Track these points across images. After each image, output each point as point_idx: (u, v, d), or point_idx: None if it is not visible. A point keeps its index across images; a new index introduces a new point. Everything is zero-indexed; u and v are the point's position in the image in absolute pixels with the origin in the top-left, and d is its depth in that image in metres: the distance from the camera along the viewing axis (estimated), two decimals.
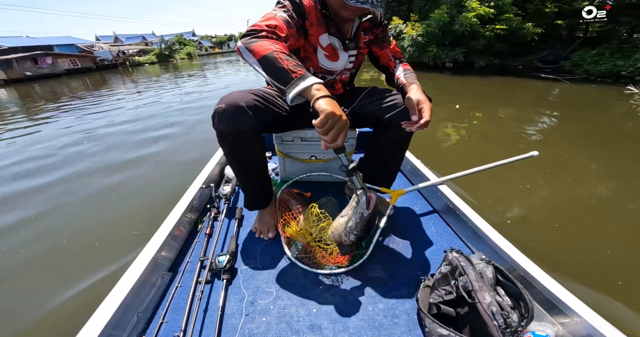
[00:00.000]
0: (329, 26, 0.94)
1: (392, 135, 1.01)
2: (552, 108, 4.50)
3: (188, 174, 2.32)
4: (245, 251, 1.05)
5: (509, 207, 1.86)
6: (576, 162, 2.45)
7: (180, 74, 13.20)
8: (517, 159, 1.21)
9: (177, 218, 1.07)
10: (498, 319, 0.65)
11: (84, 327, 0.69)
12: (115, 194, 2.28)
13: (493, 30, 7.57)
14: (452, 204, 1.14)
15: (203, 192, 1.32)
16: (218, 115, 0.81)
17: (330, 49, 0.98)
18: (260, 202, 1.09)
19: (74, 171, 2.77)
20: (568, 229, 1.64)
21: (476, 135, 3.31)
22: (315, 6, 0.90)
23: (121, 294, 0.77)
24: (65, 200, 2.23)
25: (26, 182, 2.59)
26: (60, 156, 3.22)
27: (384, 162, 1.11)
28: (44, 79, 19.23)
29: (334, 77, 1.08)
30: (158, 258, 0.93)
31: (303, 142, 1.28)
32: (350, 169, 0.78)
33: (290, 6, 0.85)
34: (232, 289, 0.90)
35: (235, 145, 0.88)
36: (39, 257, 1.64)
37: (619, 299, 1.18)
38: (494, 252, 0.93)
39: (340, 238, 0.87)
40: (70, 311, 1.26)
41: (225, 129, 0.82)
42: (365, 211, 0.81)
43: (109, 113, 5.52)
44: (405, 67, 1.04)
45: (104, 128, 4.32)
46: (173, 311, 0.83)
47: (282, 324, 0.80)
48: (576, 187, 2.06)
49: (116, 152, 3.21)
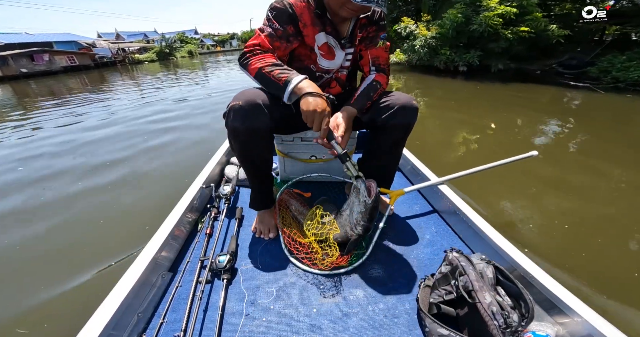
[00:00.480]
0: (325, 25, 0.94)
1: (388, 136, 1.01)
2: (592, 122, 3.75)
3: (186, 177, 2.32)
4: (245, 251, 1.05)
5: (513, 209, 1.87)
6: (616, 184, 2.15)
7: (179, 74, 12.93)
8: (517, 158, 1.21)
9: (177, 218, 1.07)
10: (498, 319, 0.65)
11: (84, 327, 0.69)
12: (115, 195, 2.28)
13: (517, 32, 6.70)
14: (453, 204, 1.14)
15: (203, 192, 1.32)
16: (234, 112, 0.81)
17: (325, 48, 0.98)
18: (266, 202, 1.11)
19: (73, 169, 2.78)
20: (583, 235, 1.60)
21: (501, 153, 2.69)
22: (308, 6, 0.90)
23: (121, 294, 0.77)
24: (61, 200, 2.23)
25: (19, 187, 2.59)
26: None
27: (381, 163, 1.11)
28: (41, 76, 19.06)
29: (331, 76, 1.08)
30: (158, 258, 0.93)
31: (303, 142, 1.28)
32: (343, 154, 0.83)
33: (274, 19, 0.89)
34: (232, 289, 0.90)
35: (249, 144, 0.88)
36: (38, 257, 1.64)
37: (622, 299, 1.18)
38: (494, 252, 0.93)
39: (347, 234, 0.88)
40: (70, 310, 1.26)
41: (239, 126, 0.82)
42: (367, 199, 0.82)
43: (90, 114, 5.40)
44: (376, 79, 1.00)
45: (91, 131, 4.20)
46: (173, 310, 0.83)
47: (282, 324, 0.80)
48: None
49: (92, 156, 3.14)
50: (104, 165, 2.84)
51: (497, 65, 7.38)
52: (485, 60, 7.39)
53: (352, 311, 0.83)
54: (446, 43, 7.81)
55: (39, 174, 2.74)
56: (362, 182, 0.84)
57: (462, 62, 7.58)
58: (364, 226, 0.85)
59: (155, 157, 2.98)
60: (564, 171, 2.36)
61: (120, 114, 5.11)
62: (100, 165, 2.85)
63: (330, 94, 0.82)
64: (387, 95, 0.98)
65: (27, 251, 1.70)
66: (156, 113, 5.01)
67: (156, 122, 4.37)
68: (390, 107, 0.94)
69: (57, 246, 1.73)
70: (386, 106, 0.95)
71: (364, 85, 0.99)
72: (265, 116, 0.83)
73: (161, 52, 30.21)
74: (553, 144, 3.05)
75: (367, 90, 0.98)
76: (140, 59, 28.60)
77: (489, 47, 7.25)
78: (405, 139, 1.04)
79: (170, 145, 3.31)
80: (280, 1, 0.89)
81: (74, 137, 3.89)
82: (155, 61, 28.52)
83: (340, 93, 1.14)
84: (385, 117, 0.95)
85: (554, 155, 2.71)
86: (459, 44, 7.80)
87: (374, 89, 0.98)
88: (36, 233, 1.85)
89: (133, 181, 2.49)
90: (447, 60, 7.82)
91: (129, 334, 0.75)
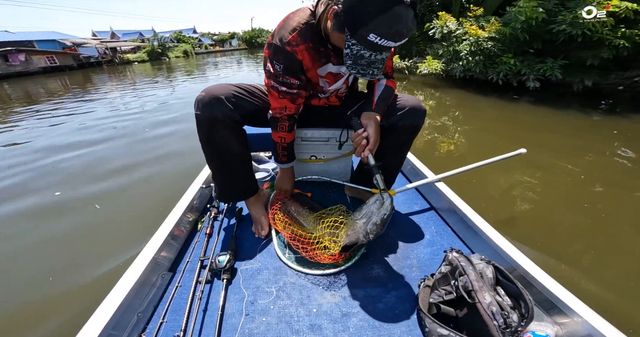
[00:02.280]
0: (327, 57, 0.91)
1: (395, 137, 1.01)
2: None
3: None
4: (245, 251, 1.05)
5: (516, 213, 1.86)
6: None
7: (160, 79, 10.67)
8: (506, 156, 1.27)
9: (177, 218, 1.07)
10: (498, 319, 0.65)
11: (84, 327, 0.69)
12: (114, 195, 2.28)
13: (633, 36, 4.17)
14: (452, 204, 1.14)
15: (203, 192, 1.32)
16: (197, 102, 0.91)
17: (330, 77, 0.98)
18: (230, 194, 1.13)
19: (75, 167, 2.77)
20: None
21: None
22: (307, 47, 0.86)
23: (121, 293, 0.77)
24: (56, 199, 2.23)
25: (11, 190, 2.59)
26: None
27: (385, 164, 1.11)
28: (16, 77, 17.64)
29: (328, 95, 1.09)
30: (158, 258, 0.93)
31: (303, 142, 1.28)
32: (374, 166, 0.86)
33: (286, 74, 0.88)
34: (232, 289, 0.90)
35: (210, 132, 0.94)
36: (39, 257, 1.64)
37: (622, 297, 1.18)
38: (494, 252, 0.93)
39: (358, 239, 0.91)
40: (70, 310, 1.26)
41: (201, 115, 0.91)
42: (388, 213, 0.85)
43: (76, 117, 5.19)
44: (388, 85, 0.99)
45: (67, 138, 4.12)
46: (173, 310, 0.83)
47: (282, 324, 0.80)
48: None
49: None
50: (98, 170, 2.85)
51: (582, 82, 4.83)
52: (566, 73, 4.85)
53: (352, 311, 0.83)
54: (510, 48, 5.25)
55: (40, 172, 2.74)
56: (389, 197, 0.86)
57: (534, 75, 4.91)
58: (375, 233, 0.88)
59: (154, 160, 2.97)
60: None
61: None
62: (95, 169, 2.85)
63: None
64: (395, 98, 1.00)
65: (28, 250, 1.70)
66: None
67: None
68: (399, 109, 0.96)
69: (57, 245, 1.73)
70: (395, 108, 0.96)
71: (379, 91, 0.98)
72: (225, 107, 0.90)
73: (153, 52, 28.04)
74: None
75: (384, 95, 0.97)
76: (130, 59, 26.47)
77: (577, 56, 4.74)
78: (412, 141, 1.05)
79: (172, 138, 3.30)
80: (282, 53, 0.85)
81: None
82: (146, 61, 26.45)
83: (337, 104, 1.15)
84: (393, 118, 0.96)
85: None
86: (529, 50, 5.30)
87: (390, 95, 0.99)
88: (36, 233, 1.85)
89: (132, 182, 2.49)
90: (509, 72, 5.13)
91: (128, 334, 0.75)
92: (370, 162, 0.86)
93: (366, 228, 0.88)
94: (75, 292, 1.36)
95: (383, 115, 0.96)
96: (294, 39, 0.83)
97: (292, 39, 0.83)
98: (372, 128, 0.87)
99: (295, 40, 0.83)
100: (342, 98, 1.14)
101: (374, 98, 0.96)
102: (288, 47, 0.84)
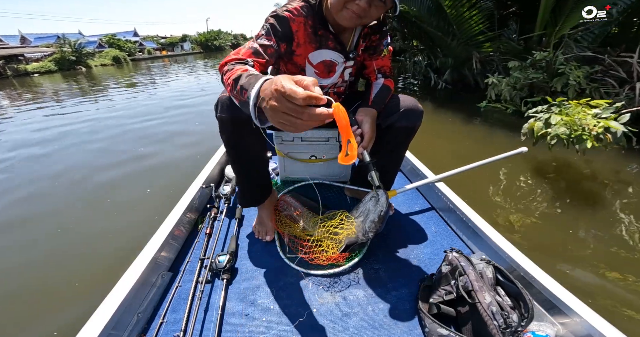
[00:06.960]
0: (325, 41, 0.90)
1: (392, 137, 1.01)
2: None
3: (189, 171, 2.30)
4: (245, 251, 1.05)
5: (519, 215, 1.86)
6: None
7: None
8: (507, 155, 1.24)
9: (177, 218, 1.06)
10: (498, 319, 0.65)
11: (84, 327, 0.69)
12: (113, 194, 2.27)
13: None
14: (452, 204, 1.14)
15: (203, 192, 1.32)
16: (221, 103, 0.83)
17: (321, 67, 0.96)
18: (251, 199, 1.07)
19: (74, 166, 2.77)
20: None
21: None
22: (305, 23, 0.85)
23: (121, 294, 0.77)
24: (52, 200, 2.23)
25: None
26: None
27: (383, 164, 1.11)
28: None
29: (326, 91, 1.05)
30: (158, 258, 0.93)
31: (303, 142, 1.28)
32: (369, 163, 0.86)
33: (268, 32, 0.82)
34: (232, 289, 0.90)
35: (236, 134, 0.88)
36: (38, 257, 1.64)
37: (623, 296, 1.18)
38: (494, 252, 0.93)
39: (357, 238, 0.91)
40: (69, 310, 1.26)
41: (225, 117, 0.83)
42: (384, 209, 0.85)
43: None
44: (385, 84, 1.00)
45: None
46: (173, 310, 0.83)
47: (282, 324, 0.80)
48: None
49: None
50: (97, 168, 2.84)
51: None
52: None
53: (352, 311, 0.83)
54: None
55: None
56: (383, 194, 0.86)
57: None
58: (375, 231, 0.88)
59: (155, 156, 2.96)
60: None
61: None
62: (94, 168, 2.85)
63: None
64: (392, 98, 0.99)
65: (27, 251, 1.69)
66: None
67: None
68: (396, 109, 0.95)
69: (56, 245, 1.73)
70: (392, 108, 0.96)
71: (376, 90, 0.98)
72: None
73: (63, 60, 20.28)
74: None
75: (381, 93, 0.98)
76: (29, 70, 18.42)
77: None
78: (409, 141, 1.04)
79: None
80: (277, 17, 0.83)
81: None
82: (55, 72, 18.86)
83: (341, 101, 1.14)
84: (391, 118, 0.95)
85: None
86: None
87: (387, 94, 0.99)
88: (35, 234, 1.85)
89: (132, 181, 2.49)
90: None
91: (128, 334, 0.75)
92: (365, 159, 0.86)
93: (364, 226, 0.88)
94: (75, 292, 1.36)
95: (380, 115, 0.96)
96: (295, 9, 0.84)
97: (294, 9, 0.84)
98: (367, 125, 0.87)
99: (297, 11, 0.84)
100: (342, 96, 1.14)
101: (370, 96, 0.96)
102: (287, 13, 0.84)
